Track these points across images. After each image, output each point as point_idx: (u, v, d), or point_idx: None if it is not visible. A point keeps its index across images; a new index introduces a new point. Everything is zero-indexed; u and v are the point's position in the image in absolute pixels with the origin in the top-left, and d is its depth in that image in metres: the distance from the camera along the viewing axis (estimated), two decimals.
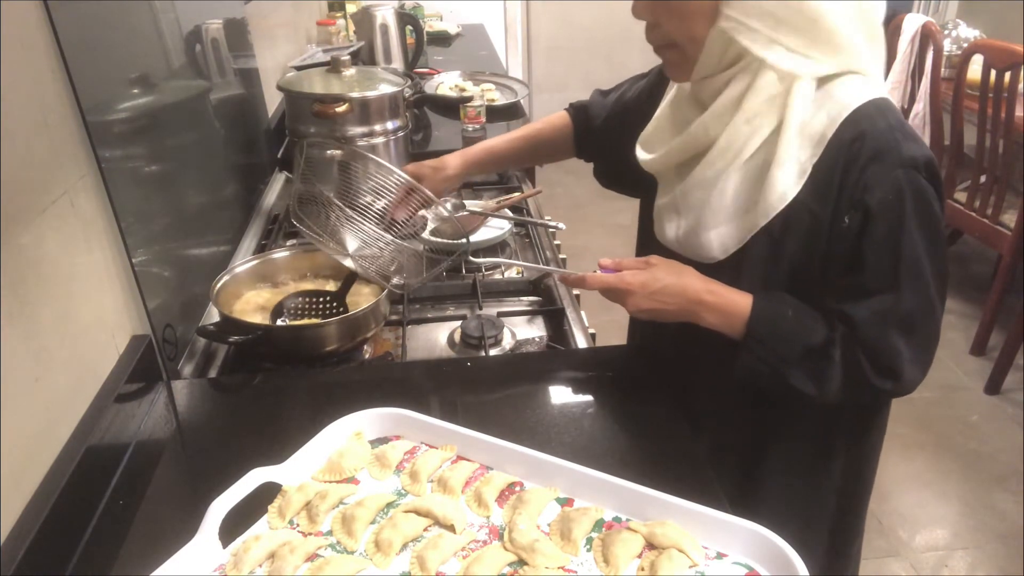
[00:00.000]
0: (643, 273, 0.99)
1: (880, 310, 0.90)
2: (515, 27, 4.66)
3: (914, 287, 0.90)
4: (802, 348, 0.93)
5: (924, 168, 0.88)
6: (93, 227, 0.99)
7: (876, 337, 0.91)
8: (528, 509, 0.79)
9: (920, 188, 0.88)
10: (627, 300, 1.00)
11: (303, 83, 1.60)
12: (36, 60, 0.89)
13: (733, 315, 0.96)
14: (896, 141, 0.87)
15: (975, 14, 3.99)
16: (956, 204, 2.97)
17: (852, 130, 0.88)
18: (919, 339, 0.92)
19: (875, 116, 0.88)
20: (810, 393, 0.93)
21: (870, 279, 0.90)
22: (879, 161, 0.87)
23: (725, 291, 0.97)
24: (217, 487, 0.78)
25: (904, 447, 2.52)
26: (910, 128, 0.90)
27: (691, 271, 0.99)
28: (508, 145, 1.34)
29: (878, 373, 0.91)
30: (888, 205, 0.87)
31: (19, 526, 0.77)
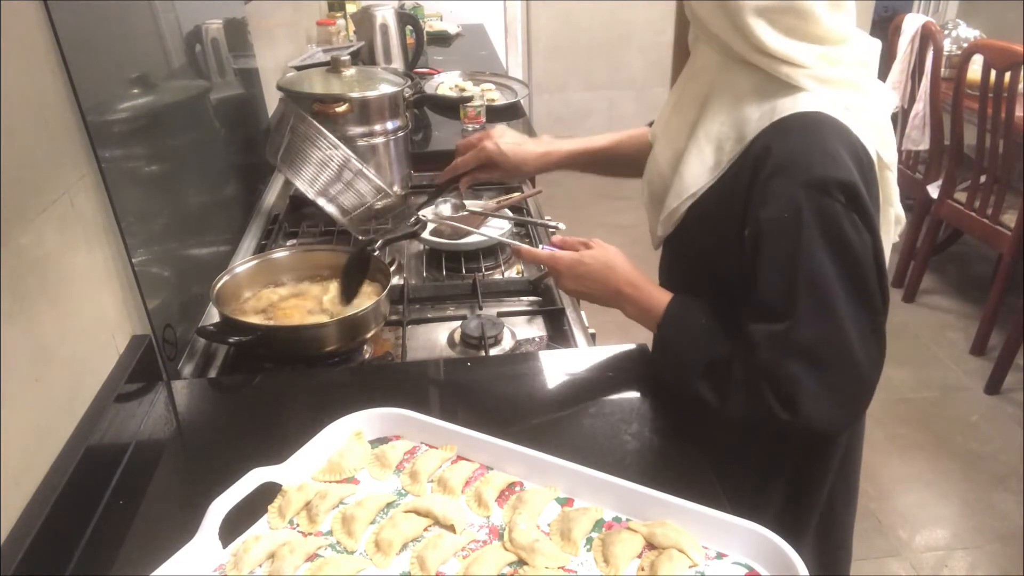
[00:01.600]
0: (572, 255, 1.01)
1: (775, 333, 0.84)
2: (515, 27, 4.65)
3: (816, 317, 0.83)
4: (706, 359, 0.90)
5: (838, 190, 0.82)
6: (93, 227, 0.99)
7: (772, 362, 0.85)
8: (528, 509, 0.79)
9: (827, 211, 0.81)
10: (557, 279, 1.04)
11: (303, 83, 1.60)
12: (36, 60, 0.89)
13: (649, 312, 0.96)
14: (807, 159, 0.82)
15: (975, 14, 3.99)
16: (956, 204, 2.97)
17: (765, 140, 0.85)
18: (828, 375, 0.84)
19: (794, 130, 0.84)
20: (713, 406, 0.90)
21: (764, 298, 0.85)
22: (780, 176, 0.83)
23: (647, 286, 0.96)
24: (217, 487, 0.78)
25: (904, 447, 2.52)
26: (833, 149, 0.83)
27: (620, 259, 0.99)
28: (590, 152, 1.27)
29: (778, 401, 0.85)
30: (780, 223, 0.83)
31: (19, 526, 0.77)
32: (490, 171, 1.26)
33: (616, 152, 1.28)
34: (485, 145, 1.23)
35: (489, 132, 1.26)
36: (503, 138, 1.24)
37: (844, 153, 0.83)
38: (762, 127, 0.86)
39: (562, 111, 5.16)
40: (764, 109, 0.87)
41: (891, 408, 2.67)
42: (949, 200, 3.01)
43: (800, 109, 0.85)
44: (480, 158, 1.24)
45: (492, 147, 1.23)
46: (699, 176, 0.91)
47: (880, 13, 5.05)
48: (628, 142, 1.29)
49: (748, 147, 0.87)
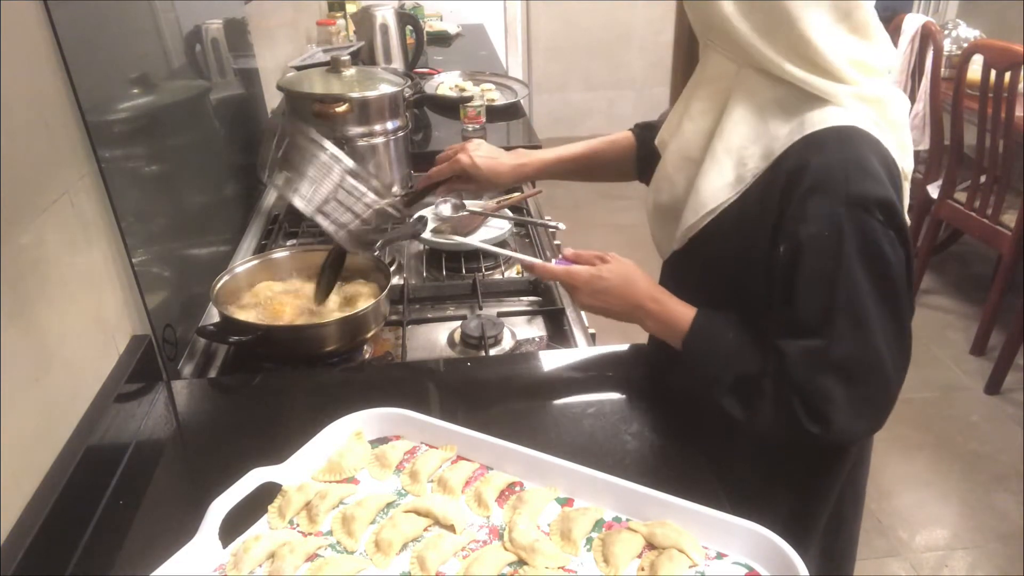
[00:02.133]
0: (590, 271, 0.99)
1: (811, 350, 0.84)
2: (515, 27, 4.66)
3: (852, 333, 0.83)
4: (735, 374, 0.90)
5: (877, 208, 0.81)
6: (93, 227, 0.99)
7: (806, 378, 0.85)
8: (528, 509, 0.79)
9: (867, 228, 0.81)
10: (573, 295, 1.02)
11: (303, 83, 1.60)
12: (36, 60, 0.89)
13: (673, 327, 0.94)
14: (845, 175, 0.81)
15: (975, 14, 3.99)
16: (956, 204, 2.97)
17: (801, 157, 0.83)
18: (860, 390, 0.85)
19: (830, 145, 0.83)
20: (740, 420, 0.89)
21: (801, 316, 0.85)
22: (820, 193, 0.82)
23: (669, 301, 0.95)
24: (217, 487, 0.78)
25: (904, 447, 2.52)
26: (871, 165, 0.83)
27: (640, 274, 0.98)
28: (568, 159, 1.28)
29: (808, 416, 0.85)
30: (822, 241, 0.82)
31: (19, 526, 0.77)
32: (465, 183, 1.28)
33: (595, 159, 1.29)
34: (460, 158, 1.26)
35: (464, 145, 1.28)
36: (478, 151, 1.26)
37: (879, 168, 0.83)
38: (792, 142, 0.85)
39: (562, 111, 5.16)
40: (792, 124, 0.85)
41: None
42: (949, 200, 3.01)
43: (832, 123, 0.84)
44: (455, 170, 1.27)
45: (466, 160, 1.25)
46: (719, 191, 0.89)
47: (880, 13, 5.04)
48: (608, 148, 1.29)
49: (777, 162, 0.86)
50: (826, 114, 0.84)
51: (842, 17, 0.83)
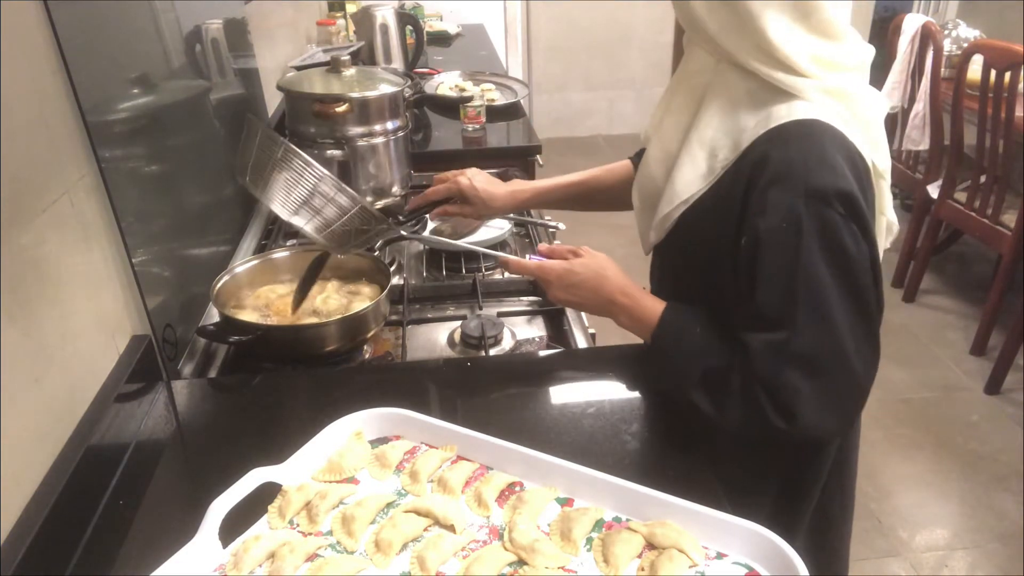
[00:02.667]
0: (562, 264, 1.01)
1: (773, 343, 0.84)
2: (515, 27, 4.66)
3: (815, 327, 0.83)
4: (702, 369, 0.90)
5: (836, 200, 0.81)
6: (93, 227, 0.99)
7: (771, 371, 0.85)
8: (528, 509, 0.79)
9: (825, 221, 0.81)
10: (547, 289, 1.03)
11: (303, 83, 1.60)
12: (36, 60, 0.89)
13: (642, 321, 0.95)
14: (805, 168, 0.82)
15: (975, 14, 3.99)
16: (956, 204, 2.98)
17: (763, 149, 0.84)
18: (827, 383, 0.84)
19: (791, 139, 0.83)
20: (710, 415, 0.89)
21: (762, 308, 0.85)
22: (778, 186, 0.82)
23: (639, 295, 0.96)
24: (217, 487, 0.78)
25: (904, 447, 2.52)
26: (832, 158, 0.83)
27: (612, 268, 0.99)
28: (564, 187, 1.31)
29: (775, 409, 0.85)
30: (779, 233, 0.82)
31: (19, 526, 0.77)
32: (460, 206, 1.30)
33: (592, 186, 1.30)
34: (459, 180, 1.28)
35: (463, 171, 1.30)
36: (476, 177, 1.29)
37: (842, 161, 0.83)
38: (757, 135, 0.85)
39: (562, 111, 5.16)
40: (759, 116, 0.86)
41: (891, 408, 2.67)
42: (949, 200, 3.01)
43: (796, 116, 0.84)
44: (452, 190, 1.28)
45: (465, 182, 1.28)
46: (691, 183, 0.90)
47: (880, 13, 5.05)
48: (605, 176, 1.30)
49: (744, 154, 0.86)
50: (792, 108, 0.85)
51: (800, 17, 0.84)
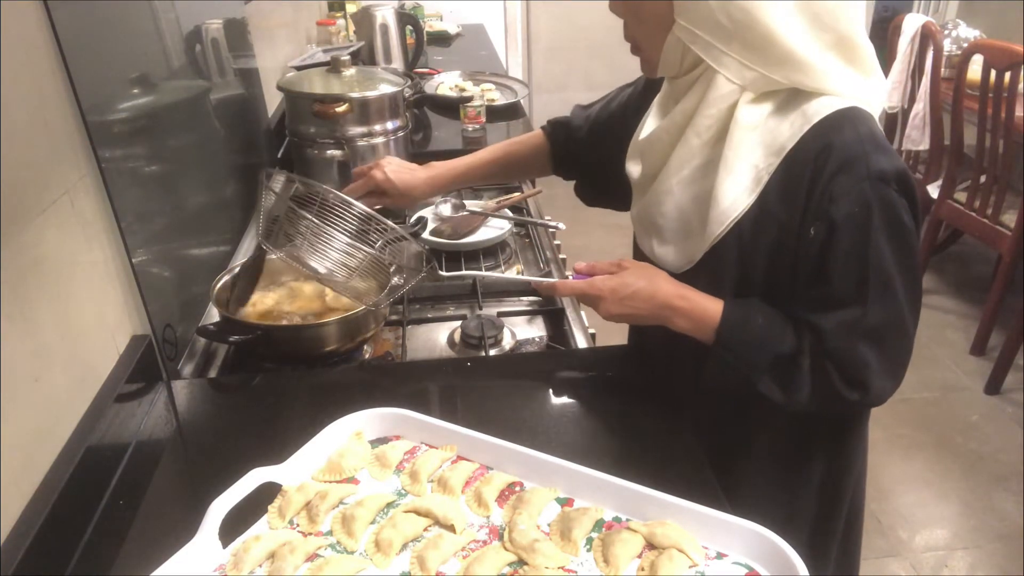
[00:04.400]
0: (614, 279, 0.99)
1: (847, 321, 0.89)
2: (515, 27, 4.65)
3: (883, 300, 0.88)
4: (771, 356, 0.92)
5: (894, 180, 0.86)
6: (93, 227, 0.99)
7: (844, 348, 0.89)
8: (528, 509, 0.79)
9: (888, 201, 0.86)
10: (599, 306, 1.00)
11: (303, 83, 1.60)
12: (36, 60, 0.89)
13: (703, 321, 0.95)
14: (864, 152, 0.85)
15: (975, 14, 3.99)
16: (956, 204, 2.97)
17: (819, 141, 0.86)
18: (890, 351, 0.91)
19: (844, 126, 0.86)
20: (778, 401, 0.92)
21: (837, 291, 0.89)
22: (845, 172, 0.85)
23: (696, 296, 0.96)
24: (217, 487, 0.78)
25: (904, 447, 2.52)
26: (882, 139, 0.88)
27: (663, 275, 0.99)
28: (481, 165, 1.30)
29: (846, 384, 0.90)
30: (854, 217, 0.86)
31: (19, 526, 0.77)
32: (380, 198, 1.27)
33: (508, 161, 1.31)
34: (373, 174, 1.26)
35: (378, 161, 1.28)
36: (390, 166, 1.26)
37: (888, 142, 0.88)
38: (803, 131, 0.87)
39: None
40: (792, 117, 0.88)
41: (891, 408, 2.64)
42: (949, 200, 3.01)
43: (836, 107, 0.87)
44: (369, 186, 1.26)
45: (380, 176, 1.25)
46: (739, 199, 0.91)
47: (880, 13, 5.05)
48: (520, 149, 1.31)
49: (792, 154, 0.88)
50: (824, 102, 0.88)
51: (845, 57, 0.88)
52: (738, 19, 0.84)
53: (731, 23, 0.85)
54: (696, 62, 0.90)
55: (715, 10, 0.85)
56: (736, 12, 0.84)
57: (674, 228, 0.99)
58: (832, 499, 1.08)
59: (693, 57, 0.89)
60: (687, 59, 0.91)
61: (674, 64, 0.92)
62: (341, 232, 1.08)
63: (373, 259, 1.10)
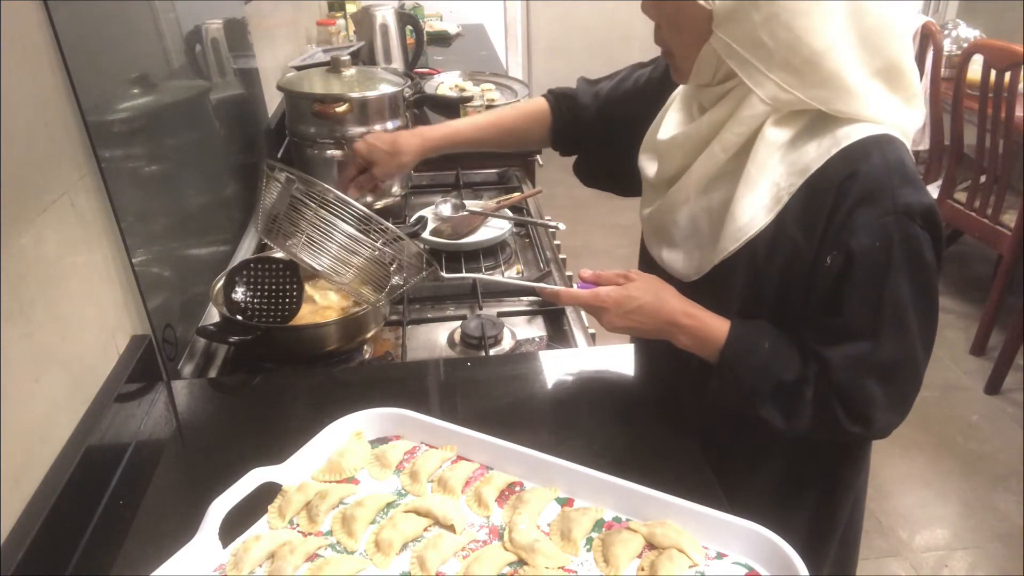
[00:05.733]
0: (618, 291, 0.97)
1: (856, 356, 0.87)
2: (515, 27, 4.66)
3: (895, 337, 0.86)
4: (774, 382, 0.90)
5: (920, 217, 0.83)
6: (93, 227, 0.99)
7: (850, 383, 0.87)
8: (528, 509, 0.79)
9: (911, 237, 0.83)
10: (602, 317, 0.98)
11: (303, 83, 1.60)
12: (36, 60, 0.89)
13: (708, 340, 0.93)
14: (891, 185, 0.82)
15: (975, 14, 3.99)
16: (956, 204, 2.97)
17: (845, 167, 0.84)
18: (898, 388, 0.88)
19: (872, 154, 0.83)
20: (779, 427, 0.91)
21: (848, 324, 0.86)
22: (869, 205, 0.83)
23: (703, 315, 0.94)
24: (217, 487, 0.78)
25: (904, 447, 2.52)
26: (912, 171, 0.85)
27: (670, 290, 0.96)
28: (473, 130, 1.26)
29: (849, 417, 0.88)
30: (873, 252, 0.83)
31: (19, 526, 0.77)
32: (374, 171, 1.24)
33: (505, 128, 1.26)
34: (355, 146, 1.23)
35: (362, 139, 1.26)
36: (370, 137, 1.24)
37: (918, 176, 0.85)
38: (830, 154, 0.84)
39: None
40: (822, 139, 0.85)
41: None
42: (949, 200, 3.01)
43: (867, 133, 0.84)
44: (356, 162, 1.24)
45: (361, 145, 1.23)
46: (757, 216, 0.88)
47: None
48: (519, 117, 1.27)
49: (815, 177, 0.85)
50: (856, 128, 0.85)
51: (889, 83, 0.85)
52: (782, 39, 0.80)
53: (774, 42, 0.81)
54: (730, 74, 0.86)
55: (758, 27, 0.81)
56: (781, 32, 0.80)
57: (686, 236, 0.97)
58: (827, 517, 1.07)
59: (728, 69, 0.86)
60: (721, 71, 0.87)
61: (707, 74, 0.89)
62: (339, 231, 1.08)
63: (373, 258, 1.10)
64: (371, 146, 1.23)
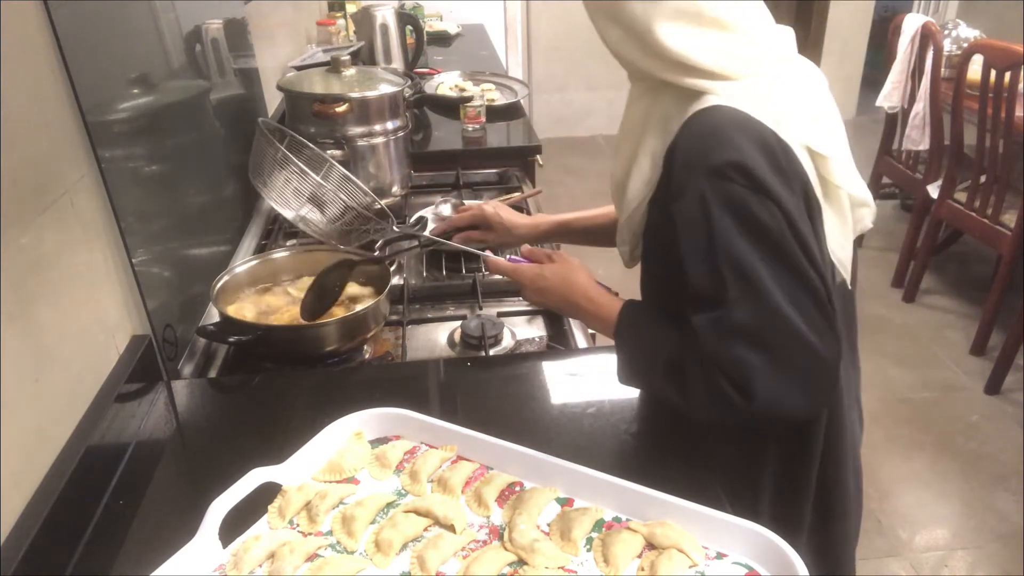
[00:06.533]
0: (534, 268, 1.06)
1: (714, 319, 0.85)
2: (515, 27, 4.66)
3: (747, 296, 0.83)
4: (663, 358, 0.91)
5: (734, 172, 0.82)
6: (93, 227, 0.99)
7: (717, 349, 0.85)
8: (528, 509, 0.79)
9: (729, 194, 0.83)
10: (521, 291, 1.09)
11: (303, 83, 1.60)
12: (36, 60, 0.89)
13: (606, 321, 0.97)
14: (705, 148, 0.84)
15: (975, 14, 3.99)
16: (956, 204, 2.97)
17: (674, 140, 0.88)
18: (779, 355, 0.83)
19: (695, 124, 0.86)
20: (678, 404, 0.90)
21: (695, 287, 0.86)
22: (684, 169, 0.86)
23: (602, 297, 0.99)
24: (217, 487, 0.78)
25: (904, 447, 2.52)
26: (731, 133, 0.84)
27: (581, 274, 1.02)
28: (581, 219, 1.36)
29: (733, 388, 0.84)
30: (690, 214, 0.84)
31: (19, 526, 0.77)
32: (484, 233, 1.35)
33: (605, 221, 1.32)
34: (484, 208, 1.35)
35: (488, 201, 1.39)
36: (499, 207, 1.36)
37: (740, 137, 0.84)
38: (675, 133, 0.89)
39: (562, 111, 5.15)
40: (679, 114, 0.89)
41: (891, 408, 2.67)
42: (949, 200, 3.01)
43: (704, 106, 0.87)
44: (477, 218, 1.35)
45: (490, 210, 1.35)
46: (639, 190, 0.94)
47: (880, 13, 5.05)
48: None
49: (668, 151, 0.90)
50: (703, 101, 0.88)
51: (692, 20, 0.86)
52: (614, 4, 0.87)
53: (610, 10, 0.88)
54: None
55: None
56: None
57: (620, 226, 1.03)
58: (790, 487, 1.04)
59: None
60: None
61: (628, 66, 0.94)
62: None
63: None
64: (496, 215, 1.33)
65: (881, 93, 3.31)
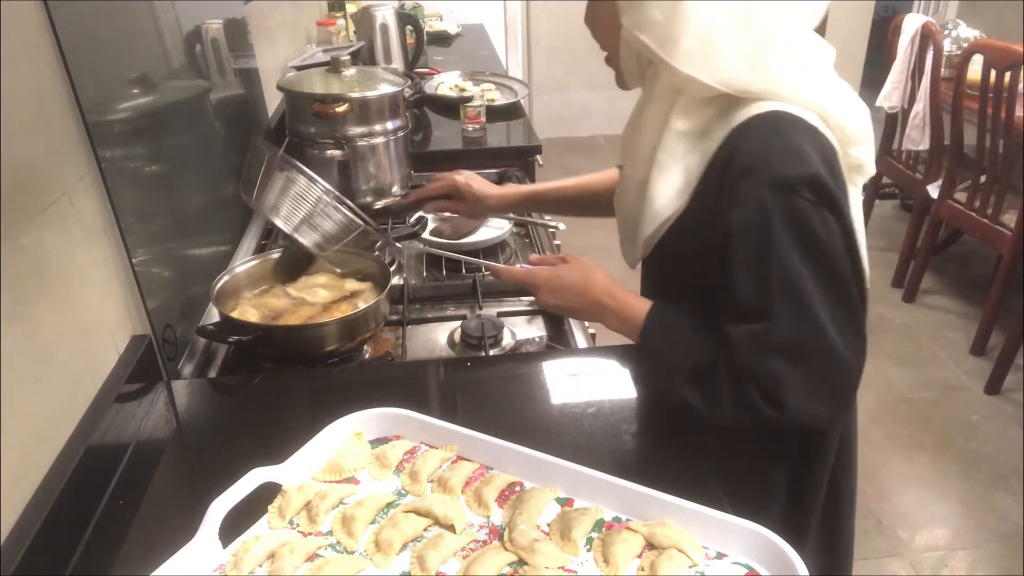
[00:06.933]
0: (550, 270, 1.05)
1: (755, 333, 0.85)
2: (515, 27, 4.66)
3: (793, 313, 0.83)
4: (692, 363, 0.90)
5: (804, 187, 0.82)
6: (93, 227, 0.99)
7: (754, 362, 0.85)
8: (528, 509, 0.79)
9: (793, 208, 0.82)
10: (536, 294, 1.07)
11: (303, 83, 1.60)
12: (36, 60, 0.89)
13: (630, 320, 0.96)
14: (770, 158, 0.82)
15: (975, 14, 3.99)
16: (956, 204, 2.98)
17: (729, 146, 0.85)
18: (813, 370, 0.84)
19: (755, 131, 0.85)
20: (701, 410, 0.90)
21: (739, 299, 0.86)
22: (746, 177, 0.83)
23: (626, 296, 0.97)
24: (217, 487, 0.78)
25: (904, 447, 2.52)
26: (799, 144, 0.84)
27: (599, 272, 1.01)
28: (550, 190, 1.36)
29: (764, 399, 0.85)
30: (749, 224, 0.83)
31: (19, 526, 0.77)
32: (455, 203, 1.37)
33: (584, 191, 1.33)
34: (455, 176, 1.36)
35: (460, 171, 1.38)
36: (471, 176, 1.37)
37: (809, 148, 0.84)
38: (724, 135, 0.87)
39: (562, 111, 5.16)
40: (725, 120, 0.87)
41: (891, 408, 2.67)
42: (949, 200, 3.01)
43: (761, 111, 0.86)
44: (447, 187, 1.36)
45: (461, 180, 1.36)
46: (672, 200, 0.91)
47: (880, 13, 5.05)
48: (597, 183, 1.33)
49: (713, 157, 0.88)
50: (753, 107, 0.86)
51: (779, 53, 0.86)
52: (670, 14, 0.84)
53: (663, 18, 0.84)
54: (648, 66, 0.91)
55: (650, 7, 0.85)
56: (669, 7, 0.84)
57: (626, 226, 1.02)
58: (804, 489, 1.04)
59: (646, 60, 0.90)
60: (641, 63, 0.91)
61: (634, 72, 0.93)
62: None
63: None
64: (466, 184, 1.34)
65: (881, 93, 3.31)
